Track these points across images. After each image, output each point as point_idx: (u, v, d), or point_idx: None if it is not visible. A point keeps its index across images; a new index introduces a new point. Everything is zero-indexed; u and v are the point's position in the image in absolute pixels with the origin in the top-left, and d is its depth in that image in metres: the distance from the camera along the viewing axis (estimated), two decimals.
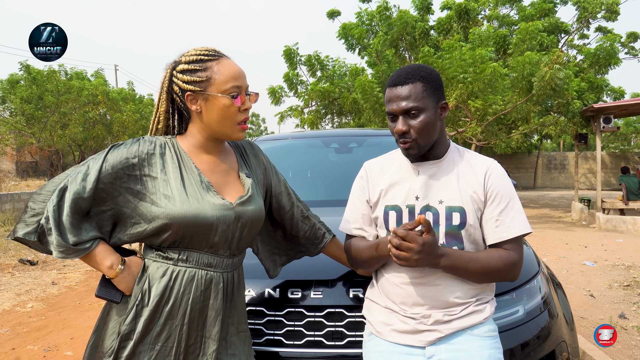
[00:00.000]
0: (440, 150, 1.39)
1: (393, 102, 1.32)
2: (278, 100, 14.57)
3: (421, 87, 1.31)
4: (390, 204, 1.39)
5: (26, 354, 3.44)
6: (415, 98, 1.30)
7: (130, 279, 1.26)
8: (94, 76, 20.93)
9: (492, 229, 1.32)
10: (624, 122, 23.54)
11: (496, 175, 1.36)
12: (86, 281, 5.68)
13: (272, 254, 1.59)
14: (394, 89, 1.33)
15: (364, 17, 13.89)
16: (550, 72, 9.61)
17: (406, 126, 1.31)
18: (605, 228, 9.87)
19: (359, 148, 3.11)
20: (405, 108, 1.30)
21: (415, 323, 1.32)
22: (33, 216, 1.24)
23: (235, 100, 1.27)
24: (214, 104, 1.27)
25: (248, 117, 1.34)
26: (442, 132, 1.39)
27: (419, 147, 1.33)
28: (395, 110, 1.32)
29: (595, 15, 14.59)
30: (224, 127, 1.30)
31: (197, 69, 1.27)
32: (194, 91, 1.27)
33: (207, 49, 1.32)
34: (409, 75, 1.32)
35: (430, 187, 1.35)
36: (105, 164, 1.23)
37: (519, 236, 1.32)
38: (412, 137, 1.31)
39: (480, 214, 1.34)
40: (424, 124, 1.30)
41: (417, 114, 1.30)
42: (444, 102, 1.36)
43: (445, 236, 1.32)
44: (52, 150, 17.60)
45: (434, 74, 1.35)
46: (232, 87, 1.27)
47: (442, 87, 1.38)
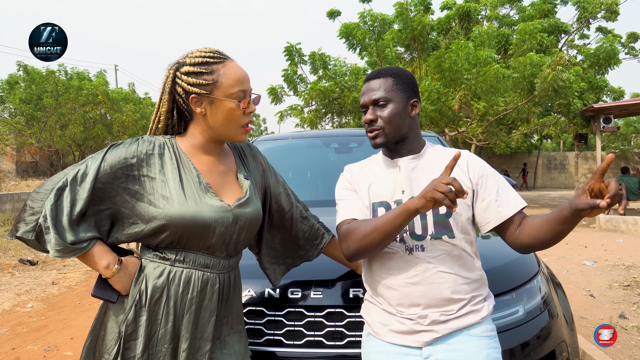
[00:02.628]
0: (416, 146, 1.43)
1: (365, 95, 1.41)
2: (279, 100, 14.55)
3: (391, 81, 1.38)
4: (378, 201, 1.39)
5: (26, 354, 3.44)
6: (385, 90, 1.37)
7: (126, 278, 1.26)
8: (96, 77, 20.92)
9: (494, 210, 1.33)
10: (624, 122, 23.57)
11: (477, 161, 1.41)
12: (86, 281, 5.68)
13: (272, 264, 1.59)
14: (366, 84, 1.42)
15: (366, 18, 13.87)
16: (553, 74, 9.61)
17: (374, 115, 1.38)
18: (605, 228, 9.87)
19: (359, 148, 3.10)
20: (374, 98, 1.38)
21: (412, 324, 1.32)
22: (32, 215, 1.23)
23: (242, 104, 1.27)
24: (220, 107, 1.27)
25: (252, 119, 1.35)
26: (415, 129, 1.43)
27: (385, 137, 1.37)
28: (365, 101, 1.40)
29: (595, 15, 14.60)
30: (228, 129, 1.30)
31: (203, 71, 1.27)
32: (199, 94, 1.27)
33: (212, 51, 1.31)
34: (381, 71, 1.41)
35: (413, 180, 1.37)
36: (104, 163, 1.23)
37: (521, 209, 1.34)
38: (379, 125, 1.37)
39: (471, 201, 1.36)
40: (391, 114, 1.36)
41: (385, 104, 1.37)
42: (415, 101, 1.41)
43: (434, 225, 1.33)
44: (52, 150, 17.61)
45: (406, 73, 1.42)
46: (238, 91, 1.27)
47: (415, 88, 1.43)
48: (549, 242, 1.24)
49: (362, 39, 13.81)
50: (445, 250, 1.32)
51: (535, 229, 1.25)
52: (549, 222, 1.21)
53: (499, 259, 1.79)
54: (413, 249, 1.33)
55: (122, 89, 22.82)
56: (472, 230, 1.39)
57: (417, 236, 1.33)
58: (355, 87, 12.07)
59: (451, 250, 1.32)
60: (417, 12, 12.52)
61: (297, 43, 14.01)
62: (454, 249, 1.33)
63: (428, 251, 1.32)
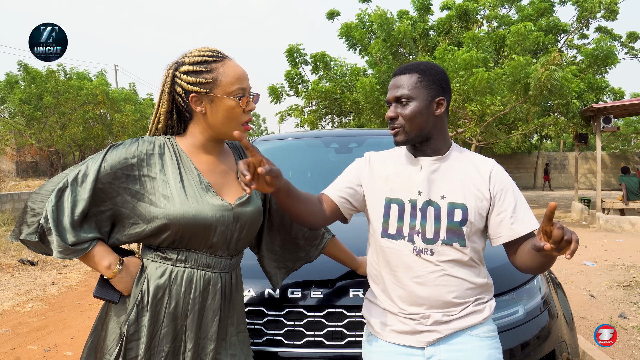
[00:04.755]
0: (441, 147, 1.39)
1: (389, 91, 1.39)
2: (279, 99, 14.55)
3: (417, 77, 1.34)
4: (393, 197, 1.38)
5: (26, 354, 3.44)
6: (408, 87, 1.34)
7: (128, 279, 1.26)
8: (97, 77, 20.90)
9: (507, 226, 1.32)
10: (624, 122, 23.56)
11: (501, 174, 1.37)
12: (86, 281, 5.68)
13: (273, 268, 1.58)
14: (393, 79, 1.39)
15: (364, 19, 13.87)
16: (547, 74, 9.60)
17: (395, 113, 1.36)
18: (605, 228, 9.87)
19: (359, 148, 3.11)
20: (396, 95, 1.35)
21: (415, 324, 1.32)
22: (33, 216, 1.24)
23: (241, 102, 1.27)
24: (220, 105, 1.27)
25: (251, 117, 1.34)
26: (440, 129, 1.38)
27: (406, 135, 1.35)
28: (389, 98, 1.38)
29: (594, 14, 14.59)
30: (228, 127, 1.30)
31: (202, 70, 1.27)
32: (199, 92, 1.27)
33: (211, 50, 1.31)
34: (409, 67, 1.37)
35: (432, 182, 1.35)
36: (104, 164, 1.23)
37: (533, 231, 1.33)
38: (400, 123, 1.35)
39: (486, 212, 1.34)
40: (412, 112, 1.33)
41: (407, 102, 1.34)
42: (442, 99, 1.36)
43: (447, 232, 1.31)
44: (52, 151, 17.60)
45: (436, 69, 1.37)
46: (237, 89, 1.27)
47: (444, 84, 1.37)
48: (536, 270, 1.28)
49: (361, 39, 13.82)
50: (454, 256, 1.31)
51: (525, 255, 1.28)
52: (530, 251, 1.24)
53: (499, 259, 1.78)
54: (422, 251, 1.32)
55: (123, 89, 22.79)
56: (482, 240, 1.38)
57: (428, 240, 1.32)
58: (356, 87, 12.07)
59: (460, 258, 1.32)
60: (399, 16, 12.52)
61: (299, 44, 14.02)
62: (463, 256, 1.32)
63: (437, 255, 1.31)
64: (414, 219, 1.33)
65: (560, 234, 1.02)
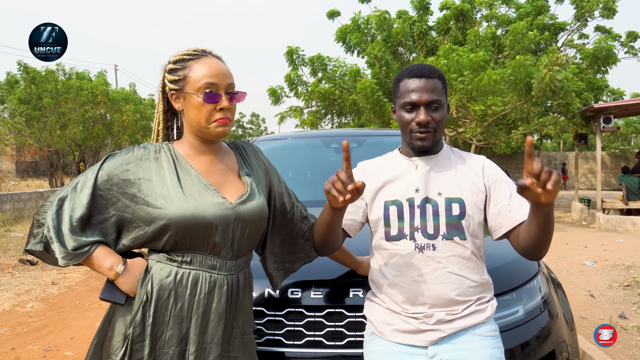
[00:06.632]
0: (438, 147, 1.44)
1: (416, 93, 1.35)
2: (278, 100, 14.55)
3: (440, 84, 1.37)
4: (390, 199, 1.39)
5: (26, 354, 3.44)
6: (438, 93, 1.36)
7: (131, 280, 1.26)
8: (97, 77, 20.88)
9: (506, 215, 1.33)
10: (624, 122, 23.54)
11: (493, 167, 1.43)
12: (86, 281, 5.68)
13: (274, 269, 1.57)
14: (418, 80, 1.36)
15: (359, 21, 13.83)
16: (550, 74, 9.60)
17: (429, 117, 1.35)
18: (605, 228, 9.87)
19: (359, 148, 3.11)
20: (430, 99, 1.34)
21: (418, 323, 1.32)
22: (38, 227, 1.28)
23: (205, 98, 1.25)
24: (190, 102, 1.28)
25: (227, 116, 1.29)
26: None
27: (434, 140, 1.37)
28: (418, 100, 1.34)
29: (592, 13, 14.58)
30: (200, 124, 1.29)
31: (178, 68, 1.30)
32: (175, 90, 1.30)
33: (195, 49, 1.33)
34: (432, 70, 1.38)
35: (429, 180, 1.38)
36: (101, 172, 1.27)
37: None
38: (432, 127, 1.36)
39: (483, 205, 1.37)
40: (443, 118, 1.37)
41: (437, 107, 1.36)
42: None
43: (447, 226, 1.33)
44: (52, 150, 17.57)
45: (443, 75, 1.42)
46: (204, 84, 1.25)
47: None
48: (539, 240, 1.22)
49: (358, 43, 13.81)
50: (456, 251, 1.33)
51: (525, 232, 1.27)
52: (527, 224, 1.24)
53: (499, 259, 1.79)
54: (424, 247, 1.33)
55: (123, 89, 22.77)
56: (482, 234, 1.40)
57: (428, 235, 1.34)
58: (354, 88, 12.06)
59: (462, 252, 1.33)
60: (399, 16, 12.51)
61: (297, 47, 14.02)
62: (465, 250, 1.33)
63: (439, 251, 1.33)
64: (413, 217, 1.36)
65: (540, 166, 1.04)
